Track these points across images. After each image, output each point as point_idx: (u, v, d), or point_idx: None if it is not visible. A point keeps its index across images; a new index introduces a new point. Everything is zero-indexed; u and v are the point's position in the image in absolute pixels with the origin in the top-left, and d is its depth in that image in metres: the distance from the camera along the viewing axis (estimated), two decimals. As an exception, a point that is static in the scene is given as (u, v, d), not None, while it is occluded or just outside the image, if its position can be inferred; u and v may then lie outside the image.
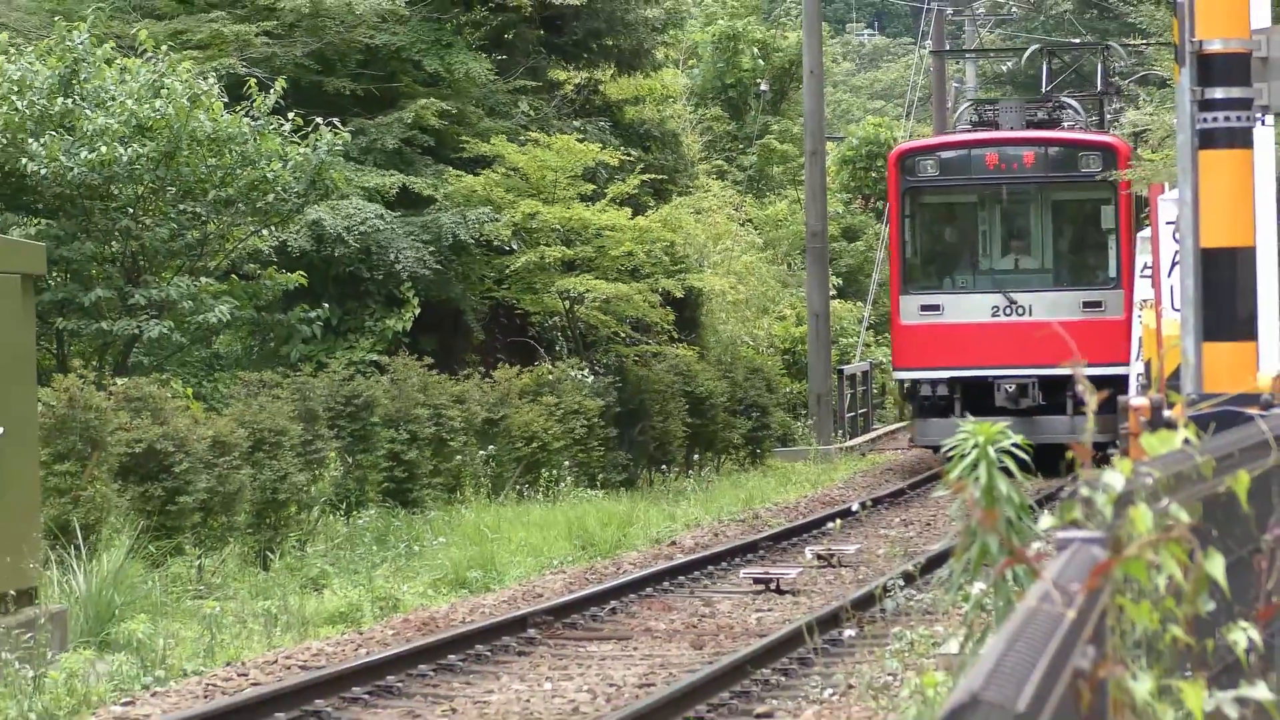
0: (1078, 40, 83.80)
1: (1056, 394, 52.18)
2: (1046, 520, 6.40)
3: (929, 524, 41.10)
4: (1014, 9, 62.76)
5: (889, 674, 18.74)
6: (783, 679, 21.94)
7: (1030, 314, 53.27)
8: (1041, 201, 55.55)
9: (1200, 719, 6.26)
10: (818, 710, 19.36)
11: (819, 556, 34.24)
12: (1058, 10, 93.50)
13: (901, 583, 23.61)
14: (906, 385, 56.17)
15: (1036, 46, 73.92)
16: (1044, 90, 69.03)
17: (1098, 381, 43.82)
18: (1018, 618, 5.00)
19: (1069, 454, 16.28)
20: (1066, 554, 5.73)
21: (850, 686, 19.97)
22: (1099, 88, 69.92)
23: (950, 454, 42.12)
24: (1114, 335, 49.90)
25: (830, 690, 20.28)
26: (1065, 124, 61.14)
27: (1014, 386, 52.38)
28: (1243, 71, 13.72)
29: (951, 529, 9.86)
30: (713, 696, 20.54)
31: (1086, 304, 53.40)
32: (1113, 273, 54.46)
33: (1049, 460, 40.34)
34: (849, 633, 23.82)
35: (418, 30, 49.74)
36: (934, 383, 54.06)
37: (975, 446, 8.39)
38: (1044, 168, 54.71)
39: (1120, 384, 38.82)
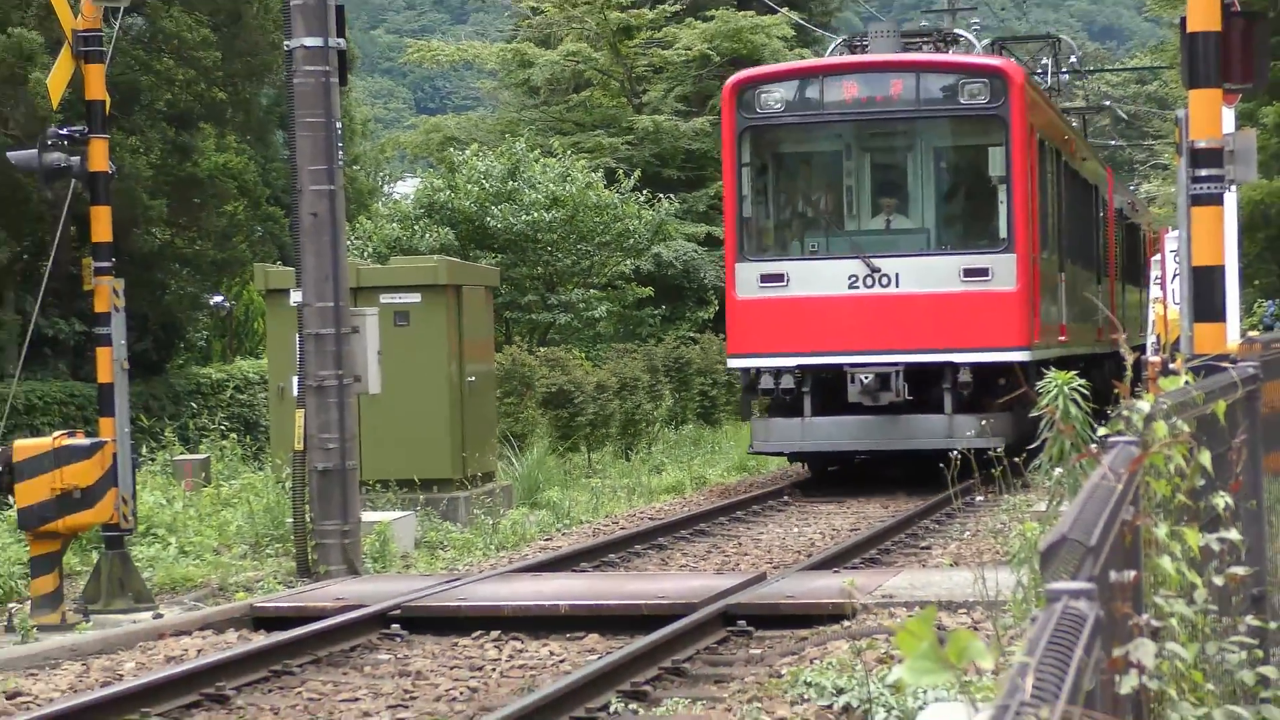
0: (1027, 35, 55.78)
1: (929, 387, 26.52)
2: (1101, 430, 6.31)
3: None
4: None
5: (1001, 524, 18.55)
6: (936, 526, 21.78)
7: (897, 285, 27.16)
8: (912, 142, 28.35)
9: (1195, 550, 6.18)
10: (958, 544, 19.17)
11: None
12: (1098, 125, 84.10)
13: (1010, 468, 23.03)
14: (751, 375, 27.73)
15: (989, 40, 43.22)
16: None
17: (983, 371, 26.20)
18: (1086, 489, 4.95)
19: (968, 464, 13.64)
20: (1114, 450, 5.65)
21: (978, 531, 19.76)
22: (1048, 83, 43.55)
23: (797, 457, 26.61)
24: (1004, 311, 26.40)
25: (967, 533, 20.08)
26: None
27: (871, 377, 26.42)
28: (1217, 159, 13.56)
29: (1041, 436, 9.77)
30: (895, 536, 20.41)
31: (968, 272, 27.00)
32: (1003, 232, 27.34)
33: (920, 471, 24.79)
34: (979, 499, 23.51)
35: (716, 138, 49.78)
36: (777, 372, 27.22)
37: (1057, 387, 8.28)
38: (916, 100, 27.54)
39: (1015, 369, 23.45)
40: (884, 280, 25.97)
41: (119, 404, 17.71)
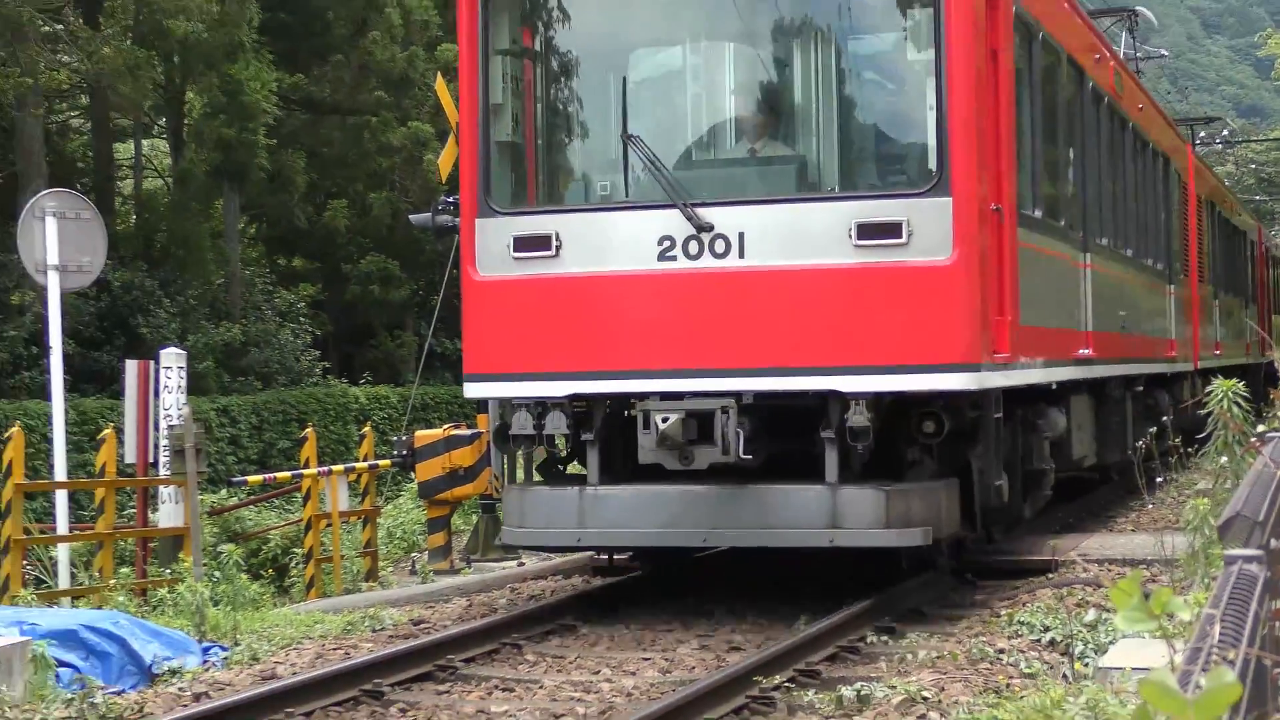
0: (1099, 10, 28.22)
1: (798, 436, 10.88)
2: (1260, 427, 6.12)
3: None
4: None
5: (1173, 499, 18.06)
6: (1119, 499, 21.15)
7: (741, 254, 10.56)
8: (779, 12, 11.18)
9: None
10: (1137, 514, 18.67)
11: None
12: (1244, 183, 79.77)
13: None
14: (501, 411, 12.08)
15: None
16: None
17: (904, 401, 10.82)
18: (1251, 474, 4.82)
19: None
20: (1273, 443, 5.50)
21: (1153, 504, 19.23)
22: (1121, 53, 23.06)
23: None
24: (930, 300, 10.50)
25: (1150, 505, 19.44)
26: None
27: (675, 419, 10.45)
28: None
29: (1207, 431, 9.09)
30: (1087, 508, 19.79)
31: (867, 230, 10.41)
32: (930, 160, 10.60)
33: (787, 584, 12.80)
34: (1159, 479, 22.33)
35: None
36: (538, 406, 11.12)
37: (1222, 394, 7.94)
38: None
39: (960, 403, 11.19)
40: (718, 246, 10.98)
41: (491, 403, 17.99)
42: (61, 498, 15.68)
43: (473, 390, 11.70)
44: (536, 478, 12.51)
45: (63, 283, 15.22)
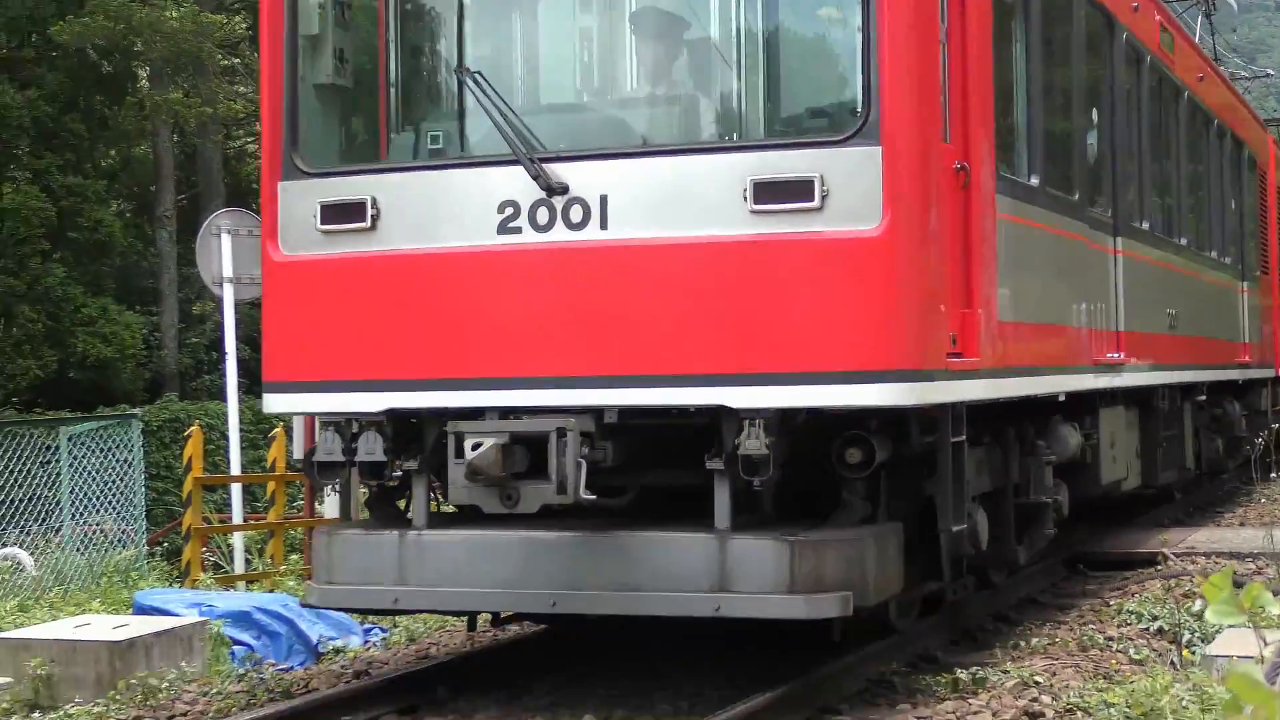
0: None
1: (689, 461, 7.13)
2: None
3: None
4: None
5: (1269, 499, 17.64)
6: (1227, 496, 20.67)
7: (603, 223, 6.98)
8: None
9: None
10: (1244, 509, 18.25)
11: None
12: None
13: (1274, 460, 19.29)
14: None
15: None
16: None
17: (826, 420, 7.45)
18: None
19: None
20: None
21: (1261, 500, 18.76)
22: (1196, 40, 18.86)
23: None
24: (859, 283, 6.83)
25: (1263, 501, 18.89)
26: None
27: (490, 444, 6.87)
28: None
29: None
30: (1197, 501, 19.32)
31: (766, 191, 6.77)
32: (855, 99, 6.87)
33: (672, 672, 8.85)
34: (1273, 475, 21.41)
35: None
36: (350, 426, 7.60)
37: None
38: None
39: (904, 422, 7.54)
40: (575, 213, 7.46)
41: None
42: (236, 490, 16.00)
43: (272, 404, 8.25)
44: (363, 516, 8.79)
45: (236, 294, 15.51)
